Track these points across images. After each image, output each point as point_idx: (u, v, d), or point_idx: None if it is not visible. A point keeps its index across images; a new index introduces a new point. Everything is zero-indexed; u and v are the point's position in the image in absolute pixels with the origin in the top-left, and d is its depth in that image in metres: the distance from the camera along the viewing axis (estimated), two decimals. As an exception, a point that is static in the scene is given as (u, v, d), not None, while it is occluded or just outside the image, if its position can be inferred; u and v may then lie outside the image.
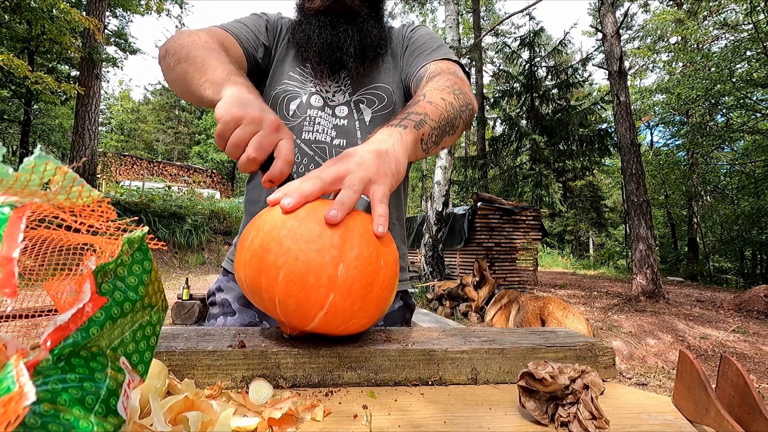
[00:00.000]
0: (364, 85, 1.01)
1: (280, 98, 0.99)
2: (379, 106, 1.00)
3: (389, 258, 0.55)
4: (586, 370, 0.45)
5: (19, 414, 0.21)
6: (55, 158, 0.28)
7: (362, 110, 1.00)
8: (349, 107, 0.99)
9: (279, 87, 0.99)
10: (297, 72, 1.01)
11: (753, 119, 12.30)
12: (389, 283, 0.55)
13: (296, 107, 0.98)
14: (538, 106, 14.04)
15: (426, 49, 1.02)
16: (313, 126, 0.97)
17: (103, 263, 0.31)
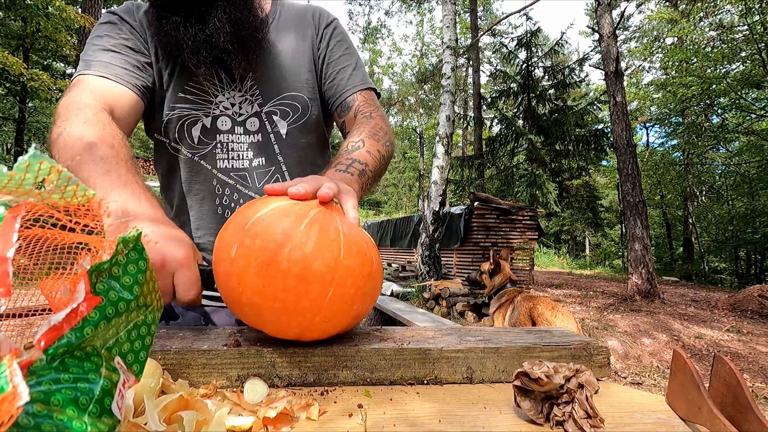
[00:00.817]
0: (274, 94, 0.91)
1: (177, 125, 0.87)
2: (294, 118, 0.93)
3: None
4: (580, 370, 0.46)
5: (12, 414, 0.21)
6: (50, 157, 0.28)
7: (276, 122, 0.92)
8: (260, 119, 0.91)
9: (171, 113, 0.86)
10: (192, 88, 0.87)
11: (748, 120, 12.37)
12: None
13: (200, 133, 0.88)
14: (534, 106, 14.08)
15: (348, 64, 0.97)
16: (227, 153, 0.89)
17: (97, 263, 0.31)
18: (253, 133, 0.91)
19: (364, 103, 0.94)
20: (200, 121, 0.88)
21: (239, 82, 0.89)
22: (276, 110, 0.92)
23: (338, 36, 0.99)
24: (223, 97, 0.89)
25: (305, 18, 0.98)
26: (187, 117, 0.87)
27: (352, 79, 0.96)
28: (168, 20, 0.80)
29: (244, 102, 0.90)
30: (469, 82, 21.79)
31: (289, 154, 0.94)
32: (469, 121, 14.98)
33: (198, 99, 0.87)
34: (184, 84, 0.87)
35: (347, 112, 0.95)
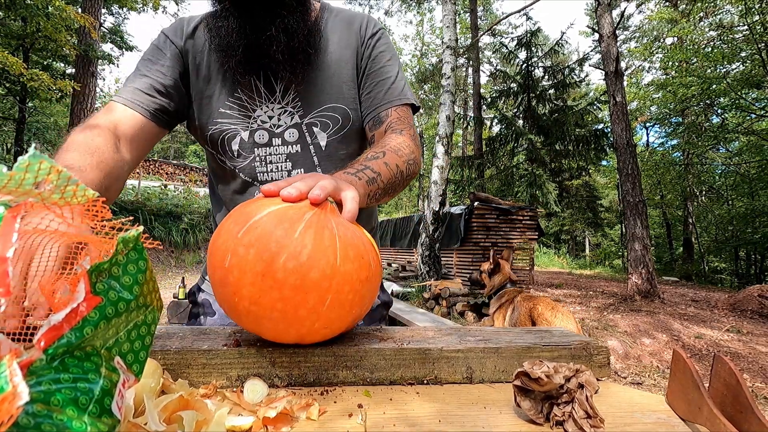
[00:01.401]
0: (315, 105, 0.92)
1: (218, 139, 0.91)
2: (334, 129, 0.93)
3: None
4: (581, 370, 0.46)
5: (12, 414, 0.21)
6: (50, 156, 0.28)
7: (316, 134, 0.92)
8: (299, 130, 0.92)
9: (213, 127, 0.90)
10: (232, 102, 0.90)
11: (748, 120, 12.37)
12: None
13: (238, 146, 0.91)
14: (534, 106, 14.08)
15: (388, 77, 0.96)
16: (265, 165, 0.92)
17: (97, 263, 0.31)
18: (292, 144, 0.92)
19: (396, 119, 0.94)
20: (238, 135, 0.90)
21: (279, 95, 0.91)
22: (317, 122, 0.92)
23: (382, 47, 0.98)
24: (261, 111, 0.90)
25: (352, 26, 0.98)
26: (226, 131, 0.90)
27: (389, 93, 0.96)
28: (223, 26, 0.83)
29: (283, 114, 0.91)
30: (469, 82, 21.79)
31: (328, 166, 0.94)
32: (469, 121, 14.98)
33: (237, 114, 0.90)
34: (225, 99, 0.90)
35: (378, 127, 0.95)
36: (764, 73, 10.14)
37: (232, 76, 0.88)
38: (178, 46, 0.91)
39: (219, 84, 0.90)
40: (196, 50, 0.91)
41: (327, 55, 0.93)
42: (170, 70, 0.89)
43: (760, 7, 9.59)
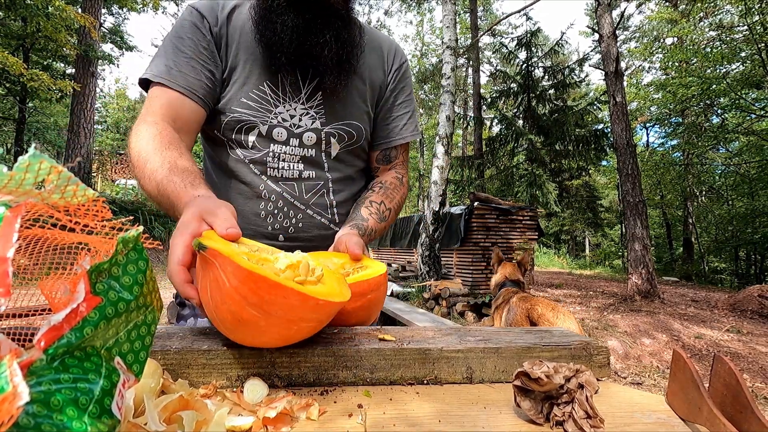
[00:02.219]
0: (338, 117, 0.95)
1: (235, 128, 0.90)
2: (348, 143, 0.98)
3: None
4: (580, 370, 0.46)
5: (12, 414, 0.21)
6: (50, 157, 0.28)
7: (331, 143, 0.96)
8: (318, 136, 0.94)
9: (232, 115, 0.89)
10: (255, 94, 0.90)
11: (748, 120, 12.37)
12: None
13: (255, 139, 0.92)
14: (534, 107, 14.07)
15: (405, 113, 1.04)
16: (278, 162, 0.93)
17: (97, 263, 0.31)
18: (308, 147, 0.94)
19: (401, 163, 1.07)
20: (257, 128, 0.91)
21: (304, 96, 0.92)
22: (335, 133, 0.96)
23: (404, 81, 1.05)
24: (283, 108, 0.91)
25: (381, 51, 1.02)
26: (245, 122, 0.90)
27: (403, 130, 1.04)
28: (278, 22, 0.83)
29: (305, 115, 0.92)
30: (469, 82, 21.79)
31: (336, 174, 0.99)
32: (469, 121, 14.98)
33: (259, 107, 0.90)
34: (249, 90, 0.89)
35: (386, 164, 1.06)
36: (764, 74, 10.15)
37: (260, 68, 0.89)
38: (215, 30, 0.89)
39: (246, 73, 0.89)
40: (230, 35, 0.90)
41: (357, 73, 0.96)
42: (214, 58, 0.89)
43: (760, 7, 9.59)
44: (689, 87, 11.80)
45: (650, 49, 17.85)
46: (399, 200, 1.01)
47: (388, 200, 0.97)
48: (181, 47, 0.86)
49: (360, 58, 0.94)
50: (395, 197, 0.99)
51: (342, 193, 1.00)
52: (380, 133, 1.03)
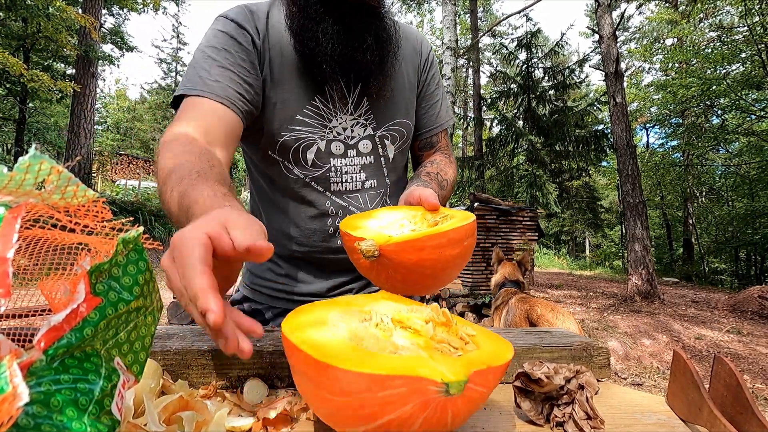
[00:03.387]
0: (387, 119, 0.94)
1: (292, 146, 0.87)
2: (400, 142, 0.97)
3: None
4: (581, 371, 0.46)
5: (12, 415, 0.21)
6: (51, 157, 0.28)
7: (386, 146, 0.95)
8: (373, 142, 0.93)
9: (288, 134, 0.85)
10: (309, 111, 0.87)
11: (748, 121, 12.38)
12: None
13: (314, 156, 0.89)
14: (534, 107, 14.07)
15: (437, 100, 1.04)
16: (340, 176, 0.91)
17: (97, 263, 0.31)
18: (366, 155, 0.93)
19: (444, 145, 1.08)
20: (315, 144, 0.88)
21: (351, 106, 0.90)
22: (388, 135, 0.95)
23: (434, 68, 1.04)
24: (336, 122, 0.89)
25: (413, 44, 1.01)
26: (303, 140, 0.87)
27: (439, 117, 1.04)
28: (318, 30, 0.79)
29: (356, 125, 0.91)
30: (469, 82, 21.78)
31: (392, 176, 0.99)
32: (469, 122, 14.97)
33: (315, 122, 0.87)
34: (303, 107, 0.86)
35: (429, 150, 1.06)
36: (764, 74, 10.15)
37: (307, 83, 0.85)
38: (258, 43, 0.83)
39: (294, 89, 0.85)
40: (272, 48, 0.84)
41: (397, 70, 0.94)
42: (254, 69, 0.83)
43: (760, 8, 9.60)
44: (689, 88, 11.81)
45: (650, 49, 17.85)
46: (452, 174, 1.00)
47: (443, 173, 0.97)
48: (216, 57, 0.80)
49: (400, 53, 0.92)
50: (448, 171, 0.99)
51: (396, 195, 1.00)
52: (420, 123, 1.03)
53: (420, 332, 0.43)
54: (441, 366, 0.34)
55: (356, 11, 0.81)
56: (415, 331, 0.43)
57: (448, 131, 1.09)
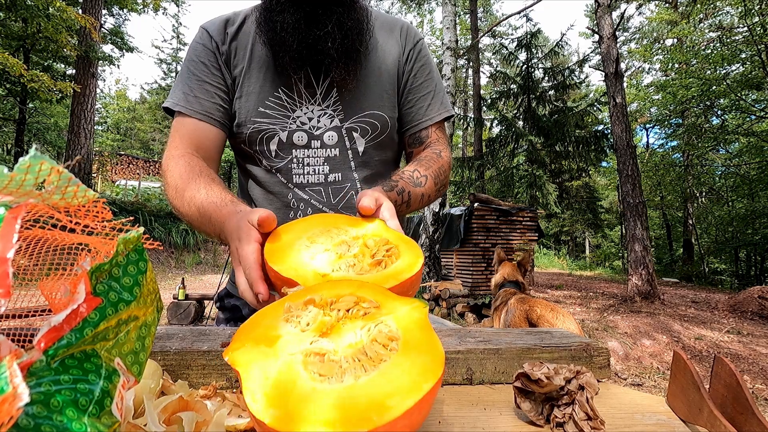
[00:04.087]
0: (357, 110, 0.91)
1: (257, 138, 0.90)
2: (373, 135, 0.93)
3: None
4: (581, 371, 0.45)
5: (12, 415, 0.21)
6: (51, 157, 0.28)
7: (355, 139, 0.92)
8: (339, 134, 0.91)
9: (252, 126, 0.89)
10: (272, 102, 0.89)
11: (748, 121, 12.38)
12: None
13: (276, 147, 0.90)
14: (534, 108, 14.08)
15: (428, 92, 0.98)
16: (302, 168, 0.91)
17: (98, 264, 0.31)
18: (331, 147, 0.91)
19: (436, 140, 0.99)
20: (277, 135, 0.89)
21: (320, 97, 0.90)
22: (357, 127, 0.92)
23: (422, 59, 0.99)
24: (301, 112, 0.90)
25: (393, 33, 0.98)
26: (265, 131, 0.89)
27: (429, 109, 0.98)
28: (278, 20, 0.82)
29: (323, 116, 0.90)
30: (469, 83, 21.79)
31: (363, 171, 0.95)
32: (469, 122, 14.98)
33: (277, 114, 0.89)
34: (265, 99, 0.89)
35: (418, 146, 0.99)
36: (764, 75, 10.15)
37: (273, 75, 0.88)
38: (222, 48, 0.90)
39: (260, 82, 0.89)
40: (239, 48, 0.90)
41: (370, 60, 0.93)
42: (224, 76, 0.90)
43: (760, 8, 9.60)
44: (689, 88, 11.81)
45: (650, 50, 17.86)
46: (436, 169, 0.92)
47: (423, 168, 0.89)
48: (195, 71, 0.88)
49: (369, 44, 0.91)
50: (431, 166, 0.91)
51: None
52: (406, 118, 0.98)
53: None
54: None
55: (316, 1, 0.82)
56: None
57: (444, 126, 1.02)
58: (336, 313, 0.41)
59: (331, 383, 0.33)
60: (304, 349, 0.36)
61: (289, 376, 0.33)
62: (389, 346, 0.37)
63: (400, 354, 0.35)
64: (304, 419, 0.29)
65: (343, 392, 0.32)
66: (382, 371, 0.34)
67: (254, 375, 0.33)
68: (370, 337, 0.38)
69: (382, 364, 0.35)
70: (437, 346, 0.37)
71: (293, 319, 0.40)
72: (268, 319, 0.40)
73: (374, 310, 0.41)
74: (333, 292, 0.43)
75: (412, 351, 0.36)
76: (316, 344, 0.37)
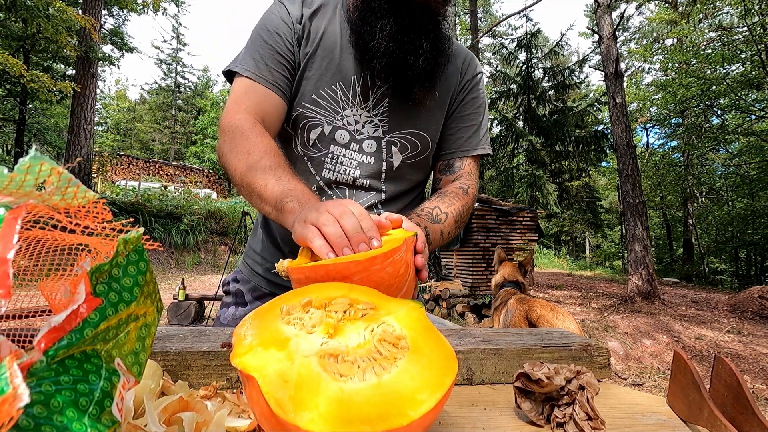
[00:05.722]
0: (402, 126, 0.91)
1: (300, 123, 0.90)
2: (411, 154, 0.93)
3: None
4: (581, 371, 0.45)
5: (12, 416, 0.21)
6: (51, 158, 0.28)
7: (393, 153, 0.92)
8: (378, 144, 0.91)
9: (300, 110, 0.89)
10: (326, 93, 0.89)
11: (748, 121, 12.39)
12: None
13: (316, 137, 0.90)
14: (534, 108, 14.09)
15: (472, 124, 0.98)
16: (335, 165, 0.90)
17: (98, 264, 0.31)
18: (368, 154, 0.91)
19: (467, 173, 0.98)
20: (321, 126, 0.89)
21: (371, 104, 0.90)
22: (397, 141, 0.92)
23: (476, 92, 1.00)
24: (350, 112, 0.90)
25: (456, 60, 0.98)
26: (311, 119, 0.89)
27: (469, 141, 0.98)
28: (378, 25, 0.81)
29: (368, 123, 0.90)
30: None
31: (392, 188, 0.94)
32: (469, 122, 14.97)
33: (327, 106, 0.89)
34: (321, 88, 0.89)
35: (449, 174, 0.98)
36: (764, 74, 10.16)
37: (334, 68, 0.88)
38: (297, 27, 0.89)
39: (321, 71, 0.89)
40: (311, 32, 0.90)
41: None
42: (294, 53, 0.89)
43: (760, 8, 9.60)
44: (689, 88, 11.82)
45: (650, 50, 17.86)
46: (459, 206, 0.90)
47: (445, 205, 0.88)
48: (268, 40, 0.87)
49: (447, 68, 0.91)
50: (454, 203, 0.90)
51: (394, 206, 0.96)
52: (444, 144, 0.99)
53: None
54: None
55: (418, 13, 0.81)
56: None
57: (478, 161, 1.02)
58: (336, 314, 0.41)
59: (355, 382, 0.33)
60: (317, 350, 0.35)
61: (311, 378, 0.33)
62: (399, 345, 0.37)
63: (413, 352, 0.36)
64: (342, 419, 0.29)
65: (372, 390, 0.32)
66: (403, 369, 0.34)
67: (273, 380, 0.32)
68: (377, 337, 0.38)
69: (398, 361, 0.35)
70: (445, 344, 0.38)
71: (295, 321, 0.39)
72: (267, 321, 0.40)
73: (372, 311, 0.41)
74: (324, 294, 0.43)
75: (424, 349, 0.37)
76: (327, 345, 0.36)
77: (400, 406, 0.31)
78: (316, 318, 0.39)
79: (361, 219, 0.55)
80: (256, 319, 0.40)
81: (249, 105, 0.84)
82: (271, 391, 0.31)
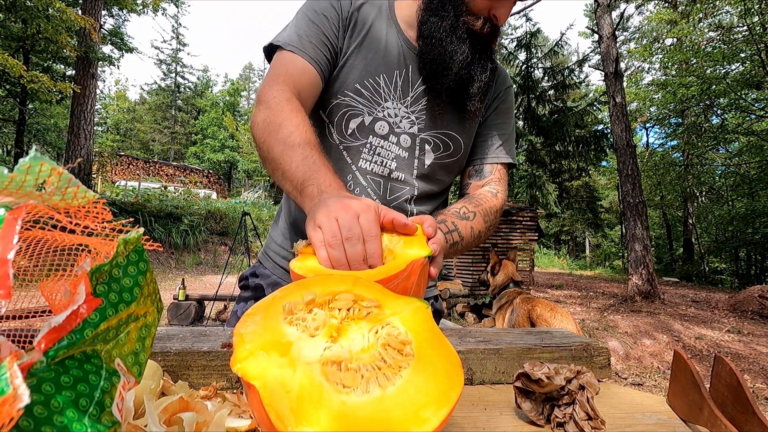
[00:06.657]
0: (438, 125, 0.94)
1: (340, 112, 0.90)
2: (443, 154, 0.96)
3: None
4: (581, 371, 0.45)
5: (12, 416, 0.21)
6: (51, 158, 0.28)
7: (426, 151, 0.94)
8: (413, 140, 0.93)
9: (341, 98, 0.90)
10: (369, 84, 0.90)
11: (747, 121, 12.38)
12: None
13: (356, 127, 0.91)
14: (534, 107, 14.08)
15: (503, 132, 1.02)
16: (372, 155, 0.91)
17: (98, 264, 0.31)
18: (404, 148, 0.93)
19: (497, 179, 1.00)
20: (362, 116, 0.90)
21: (410, 99, 0.92)
22: (431, 140, 0.94)
23: (508, 103, 1.04)
24: (391, 104, 0.91)
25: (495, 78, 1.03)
26: (353, 108, 0.90)
27: (500, 149, 1.01)
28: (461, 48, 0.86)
29: (405, 118, 0.92)
30: (469, 83, 21.75)
31: (422, 185, 0.96)
32: (469, 122, 14.99)
33: (370, 96, 0.90)
34: (365, 78, 0.90)
35: (478, 179, 1.01)
36: (764, 74, 10.16)
37: (379, 61, 0.90)
38: (345, 14, 0.91)
39: (366, 61, 0.90)
40: (358, 23, 0.92)
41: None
42: (338, 38, 0.90)
43: (760, 7, 9.60)
44: (689, 87, 11.82)
45: (650, 49, 17.86)
46: (487, 207, 0.92)
47: (472, 205, 0.90)
48: (315, 20, 0.88)
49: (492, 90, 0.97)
50: (482, 203, 0.91)
51: (423, 206, 0.98)
52: (474, 150, 1.02)
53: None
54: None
55: (484, 44, 0.89)
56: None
57: (507, 171, 1.04)
58: (338, 313, 0.40)
59: (358, 395, 0.32)
60: (320, 357, 0.35)
61: (312, 389, 0.32)
62: (404, 351, 0.36)
63: (418, 361, 0.35)
64: None
65: (376, 405, 0.31)
66: (408, 380, 0.33)
67: (274, 390, 0.31)
68: (381, 341, 0.37)
69: (402, 371, 0.34)
70: (451, 351, 0.37)
71: (298, 322, 0.39)
72: (269, 320, 0.39)
73: (376, 310, 0.41)
74: (328, 288, 0.42)
75: (429, 357, 0.36)
76: (330, 351, 0.36)
77: (403, 424, 0.30)
78: (319, 319, 0.38)
79: (367, 240, 0.54)
80: (258, 317, 0.39)
81: (287, 78, 0.84)
82: (272, 402, 0.31)
